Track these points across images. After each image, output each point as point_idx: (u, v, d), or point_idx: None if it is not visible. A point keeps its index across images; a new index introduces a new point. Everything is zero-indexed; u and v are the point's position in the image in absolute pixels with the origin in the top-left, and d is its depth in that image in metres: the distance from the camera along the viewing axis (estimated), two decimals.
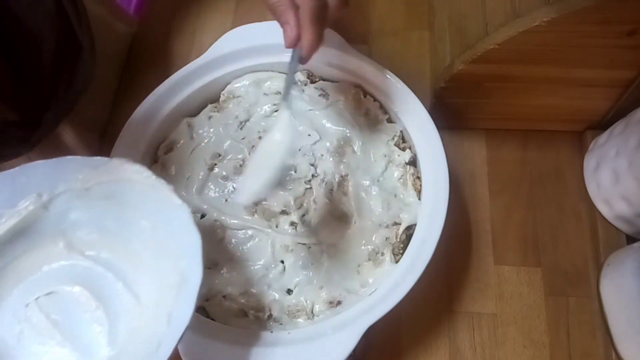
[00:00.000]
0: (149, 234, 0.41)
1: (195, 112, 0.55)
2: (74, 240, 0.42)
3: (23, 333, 0.39)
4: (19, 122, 0.46)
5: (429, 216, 0.47)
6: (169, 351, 0.34)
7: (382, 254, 0.47)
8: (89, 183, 0.41)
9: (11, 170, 0.41)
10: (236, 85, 0.55)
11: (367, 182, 0.50)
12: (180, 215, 0.39)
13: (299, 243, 0.48)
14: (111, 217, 0.42)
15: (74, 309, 0.40)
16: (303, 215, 0.49)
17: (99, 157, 0.41)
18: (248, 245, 0.48)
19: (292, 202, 0.48)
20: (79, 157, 0.41)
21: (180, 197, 0.40)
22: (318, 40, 0.40)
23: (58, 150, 0.54)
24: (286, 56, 0.54)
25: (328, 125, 0.52)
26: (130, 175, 0.41)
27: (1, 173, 0.41)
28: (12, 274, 0.41)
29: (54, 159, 0.41)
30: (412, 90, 0.51)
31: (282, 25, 0.40)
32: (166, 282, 0.38)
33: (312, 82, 0.55)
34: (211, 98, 0.56)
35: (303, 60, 0.41)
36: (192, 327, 0.44)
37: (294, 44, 0.40)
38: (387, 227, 0.48)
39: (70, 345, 0.38)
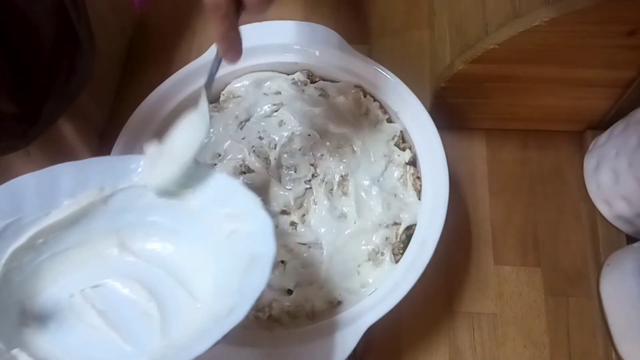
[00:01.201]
0: (213, 225, 0.40)
1: None
2: (128, 240, 0.42)
3: (65, 320, 0.38)
4: (17, 115, 0.46)
5: (429, 216, 0.47)
6: (239, 318, 0.33)
7: (382, 254, 0.47)
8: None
9: (76, 162, 0.40)
10: (236, 85, 0.55)
11: (367, 182, 0.50)
12: (246, 202, 0.39)
13: (299, 243, 0.48)
14: (171, 214, 0.41)
15: (122, 302, 0.39)
16: (303, 215, 0.49)
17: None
18: None
19: (292, 202, 0.48)
20: (142, 156, 0.41)
21: (245, 187, 0.40)
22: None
23: (56, 145, 0.54)
24: (286, 56, 0.55)
25: (328, 125, 0.52)
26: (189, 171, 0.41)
27: (68, 163, 0.40)
28: (61, 264, 0.40)
29: (121, 156, 0.42)
30: (412, 91, 0.51)
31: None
32: (232, 267, 0.37)
33: (312, 82, 0.55)
34: (211, 98, 0.56)
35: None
36: None
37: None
38: (387, 227, 0.48)
39: (117, 334, 0.37)
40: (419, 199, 0.49)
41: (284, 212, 0.49)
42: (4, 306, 0.36)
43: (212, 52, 0.54)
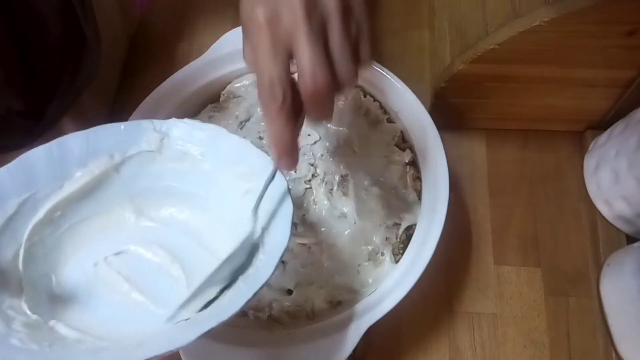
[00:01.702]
0: (228, 185, 0.40)
1: (195, 112, 0.55)
2: (144, 206, 0.42)
3: (94, 288, 0.38)
4: (23, 112, 0.46)
5: (429, 216, 0.47)
6: (266, 275, 0.33)
7: (382, 254, 0.47)
8: (162, 144, 0.41)
9: (84, 131, 0.40)
10: (236, 85, 0.55)
11: (367, 182, 0.50)
12: (261, 163, 0.38)
13: (299, 243, 0.48)
14: (184, 178, 0.42)
15: (146, 266, 0.39)
16: (303, 215, 0.49)
17: (172, 119, 0.42)
18: None
19: None
20: (148, 120, 0.41)
21: (260, 147, 0.40)
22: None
23: None
24: None
25: (328, 125, 0.52)
26: (197, 130, 0.41)
27: (76, 133, 0.40)
28: (81, 235, 0.40)
29: (125, 122, 0.41)
30: (412, 90, 0.51)
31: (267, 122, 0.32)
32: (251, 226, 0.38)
33: None
34: (211, 98, 0.56)
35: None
36: None
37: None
38: (387, 227, 0.48)
39: (146, 298, 0.37)
40: (419, 199, 0.49)
41: None
42: (32, 281, 0.37)
43: (213, 51, 0.54)
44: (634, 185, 0.47)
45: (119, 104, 0.63)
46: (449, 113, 0.55)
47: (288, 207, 0.36)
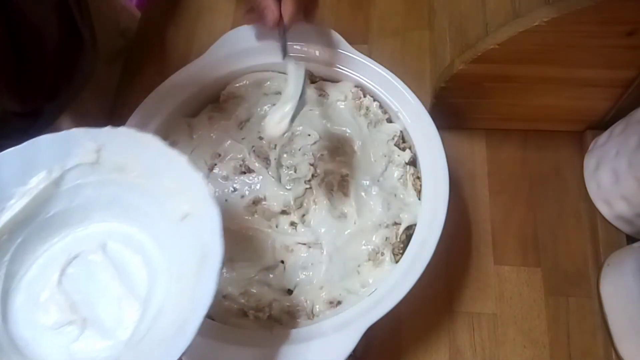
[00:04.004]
0: (166, 206, 0.40)
1: (195, 112, 0.55)
2: (87, 218, 0.41)
3: (41, 319, 0.38)
4: (20, 113, 0.46)
5: (429, 216, 0.47)
6: (194, 329, 0.33)
7: (382, 254, 0.47)
8: (99, 155, 0.40)
9: (19, 146, 0.39)
10: (236, 85, 0.55)
11: (367, 182, 0.50)
12: (197, 188, 0.38)
13: (299, 243, 0.48)
14: (125, 191, 0.41)
15: (93, 287, 0.39)
16: (303, 215, 0.49)
17: (107, 127, 0.40)
18: (248, 245, 0.48)
19: (292, 202, 0.48)
20: (87, 129, 0.40)
21: (197, 168, 0.39)
22: (298, 12, 0.46)
23: None
24: (286, 56, 0.55)
25: (328, 125, 0.52)
26: (141, 145, 0.40)
27: (10, 150, 0.39)
28: (24, 255, 0.40)
29: (62, 132, 0.40)
30: (412, 90, 0.51)
31: (262, 10, 0.46)
32: (187, 257, 0.37)
33: (312, 82, 0.55)
34: (211, 98, 0.56)
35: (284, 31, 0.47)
36: None
37: (276, 23, 0.46)
38: (387, 227, 0.48)
39: (93, 327, 0.37)
40: (419, 199, 0.49)
41: (284, 212, 0.49)
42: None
43: (213, 52, 0.54)
44: (634, 185, 0.47)
45: (119, 104, 0.63)
46: (449, 113, 0.55)
47: (217, 251, 0.36)
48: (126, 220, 0.42)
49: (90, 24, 0.51)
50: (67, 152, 0.40)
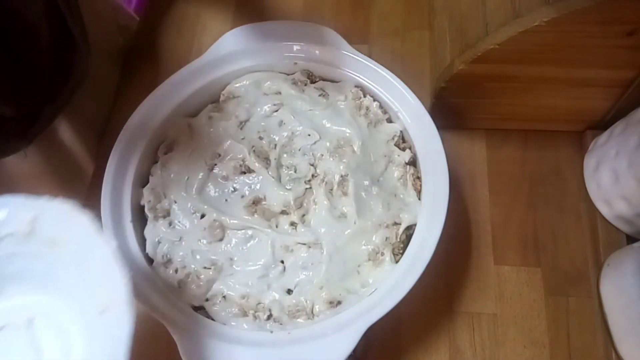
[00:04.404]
0: (91, 293, 0.39)
1: (195, 112, 0.55)
2: (19, 289, 0.40)
3: None
4: (16, 118, 0.46)
5: (429, 216, 0.47)
6: None
7: (382, 254, 0.47)
8: (34, 227, 0.39)
9: None
10: (236, 85, 0.55)
11: (367, 182, 0.50)
12: (118, 284, 0.37)
13: (299, 243, 0.48)
14: (57, 266, 0.40)
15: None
16: (303, 215, 0.49)
17: (45, 197, 0.39)
18: (248, 245, 0.48)
19: (292, 202, 0.48)
20: (25, 197, 0.39)
21: (121, 261, 0.38)
22: None
23: (54, 146, 0.53)
24: (286, 56, 0.55)
25: (328, 125, 0.52)
26: (74, 224, 0.38)
27: None
28: None
29: None
30: (412, 90, 0.51)
31: None
32: (101, 357, 0.37)
33: (312, 82, 0.55)
34: (211, 98, 0.56)
35: None
36: (192, 327, 0.44)
37: None
38: (387, 227, 0.48)
39: None
40: (419, 199, 0.49)
41: (284, 212, 0.49)
42: None
43: (212, 52, 0.55)
44: (634, 185, 0.47)
45: (119, 104, 0.63)
46: (449, 113, 0.55)
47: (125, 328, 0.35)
48: (57, 298, 0.40)
49: (81, 22, 0.50)
50: (2, 218, 0.39)
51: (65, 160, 0.51)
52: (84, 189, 0.57)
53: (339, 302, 0.46)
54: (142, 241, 0.49)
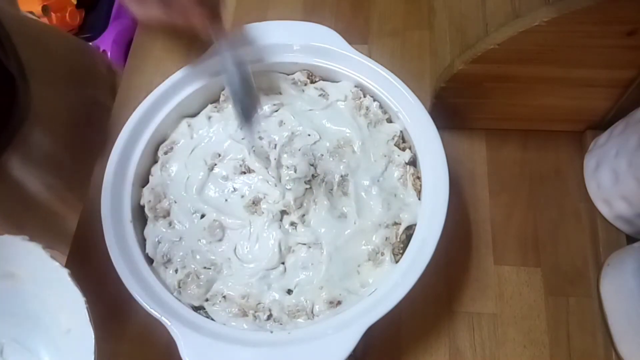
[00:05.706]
0: (55, 316, 0.41)
1: (195, 112, 0.55)
2: None
3: None
4: None
5: (429, 216, 0.47)
6: None
7: (382, 254, 0.47)
8: None
9: None
10: None
11: (367, 182, 0.50)
12: (77, 305, 0.39)
13: (299, 243, 0.48)
14: (20, 298, 0.42)
15: None
16: (303, 215, 0.49)
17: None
18: (248, 245, 0.48)
19: (292, 202, 0.48)
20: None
21: (76, 284, 0.40)
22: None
23: (2, 180, 0.54)
24: (286, 56, 0.55)
25: (328, 125, 0.52)
26: (27, 254, 0.40)
27: None
28: None
29: None
30: (412, 90, 0.51)
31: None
32: (68, 352, 0.39)
33: (312, 82, 0.55)
34: (211, 98, 0.56)
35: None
36: (192, 327, 0.44)
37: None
38: (387, 227, 0.48)
39: None
40: (419, 199, 0.49)
41: (284, 212, 0.49)
42: None
43: (213, 52, 0.54)
44: (634, 185, 0.47)
45: (119, 104, 0.63)
46: (449, 113, 0.55)
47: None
48: (24, 324, 0.42)
49: (16, 57, 0.51)
50: None
51: (13, 191, 0.53)
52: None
53: (339, 302, 0.46)
54: (142, 241, 0.49)
